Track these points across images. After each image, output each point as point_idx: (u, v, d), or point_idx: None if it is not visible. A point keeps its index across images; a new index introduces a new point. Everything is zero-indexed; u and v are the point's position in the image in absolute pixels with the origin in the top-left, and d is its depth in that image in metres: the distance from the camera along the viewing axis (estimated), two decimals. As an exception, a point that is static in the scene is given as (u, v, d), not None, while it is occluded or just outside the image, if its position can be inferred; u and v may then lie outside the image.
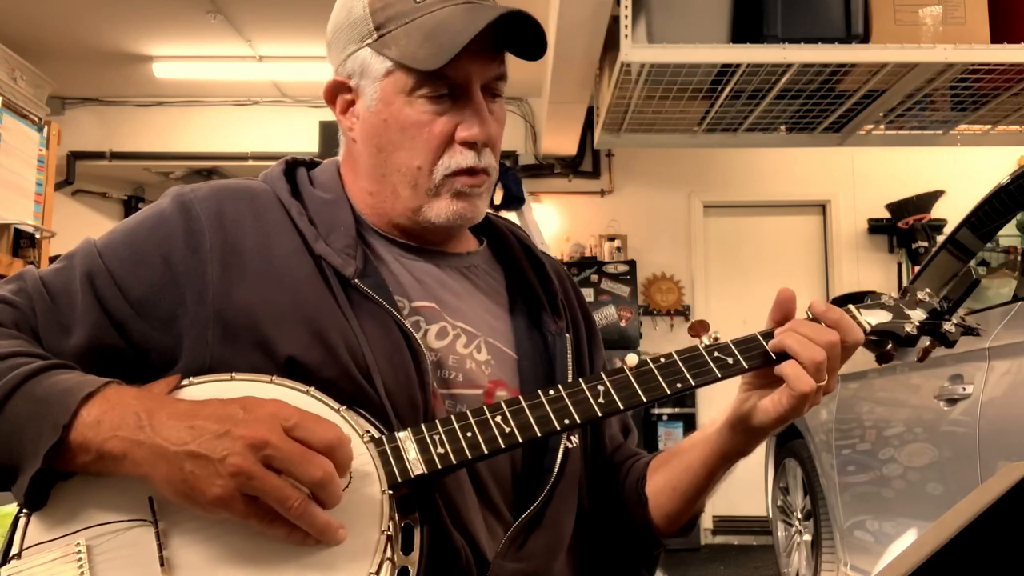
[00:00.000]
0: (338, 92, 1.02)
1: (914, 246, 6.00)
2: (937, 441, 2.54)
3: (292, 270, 0.92)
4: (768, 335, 0.94)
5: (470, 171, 0.98)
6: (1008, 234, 3.55)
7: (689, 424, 6.00)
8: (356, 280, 0.93)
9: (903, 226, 6.05)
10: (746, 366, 0.92)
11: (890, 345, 1.03)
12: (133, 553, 0.77)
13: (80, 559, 0.76)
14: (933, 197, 5.94)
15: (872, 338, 1.02)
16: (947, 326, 1.04)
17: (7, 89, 3.70)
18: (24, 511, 0.79)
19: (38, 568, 0.76)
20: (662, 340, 6.30)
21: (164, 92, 6.06)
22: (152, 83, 5.84)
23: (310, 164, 1.07)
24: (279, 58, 5.60)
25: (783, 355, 0.91)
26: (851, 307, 1.01)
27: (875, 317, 1.02)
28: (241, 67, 5.65)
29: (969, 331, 1.06)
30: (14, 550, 0.77)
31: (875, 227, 6.31)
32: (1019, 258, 3.65)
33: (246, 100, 6.24)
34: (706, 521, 6.02)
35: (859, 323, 0.99)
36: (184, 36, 5.23)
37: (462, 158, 0.97)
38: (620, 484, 1.09)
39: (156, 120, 6.25)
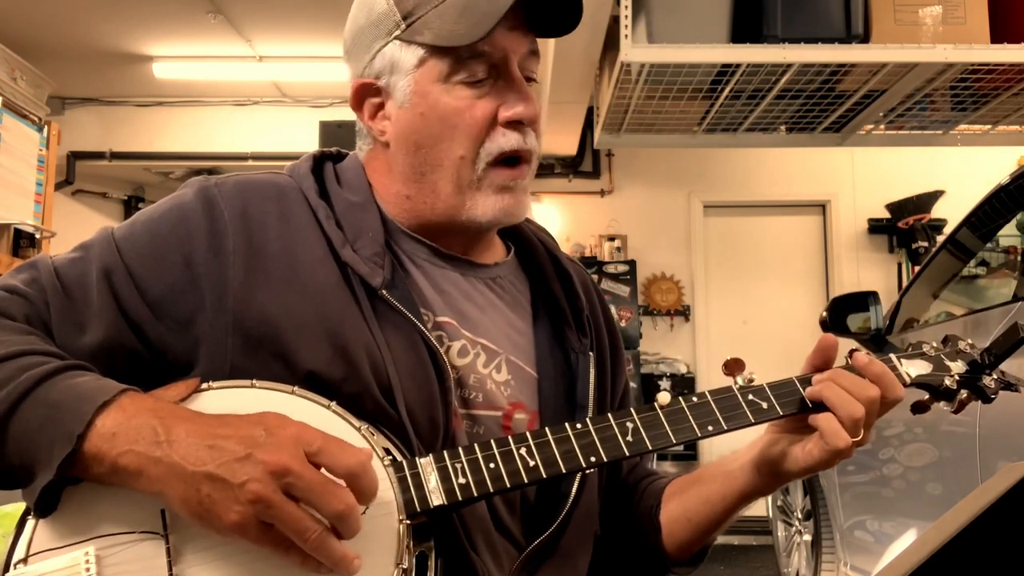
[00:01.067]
0: (365, 96, 0.97)
1: (914, 246, 6.00)
2: (937, 441, 2.54)
3: (317, 278, 0.89)
4: (805, 381, 0.92)
5: (513, 157, 0.94)
6: (1008, 234, 3.55)
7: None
8: (383, 291, 0.89)
9: (903, 226, 6.06)
10: (781, 412, 0.90)
11: (927, 396, 1.01)
12: (142, 568, 0.75)
13: (88, 569, 0.74)
14: (933, 197, 5.95)
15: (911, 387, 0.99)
16: (986, 380, 1.02)
17: (7, 89, 3.71)
18: (32, 515, 0.77)
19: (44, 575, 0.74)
20: (662, 340, 6.30)
21: (164, 92, 6.06)
22: (152, 83, 5.84)
23: (337, 157, 1.03)
24: (279, 58, 5.60)
25: (819, 404, 0.89)
26: (892, 357, 0.98)
27: (916, 368, 1.00)
28: (241, 67, 5.65)
29: (1009, 387, 1.03)
30: (20, 555, 0.75)
31: (875, 227, 6.31)
32: (1019, 258, 3.65)
33: (246, 100, 6.23)
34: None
35: (900, 374, 0.97)
36: (184, 36, 5.23)
37: (506, 140, 0.93)
38: (634, 507, 1.06)
39: (156, 120, 6.25)
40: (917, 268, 4.33)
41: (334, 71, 5.53)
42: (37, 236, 3.42)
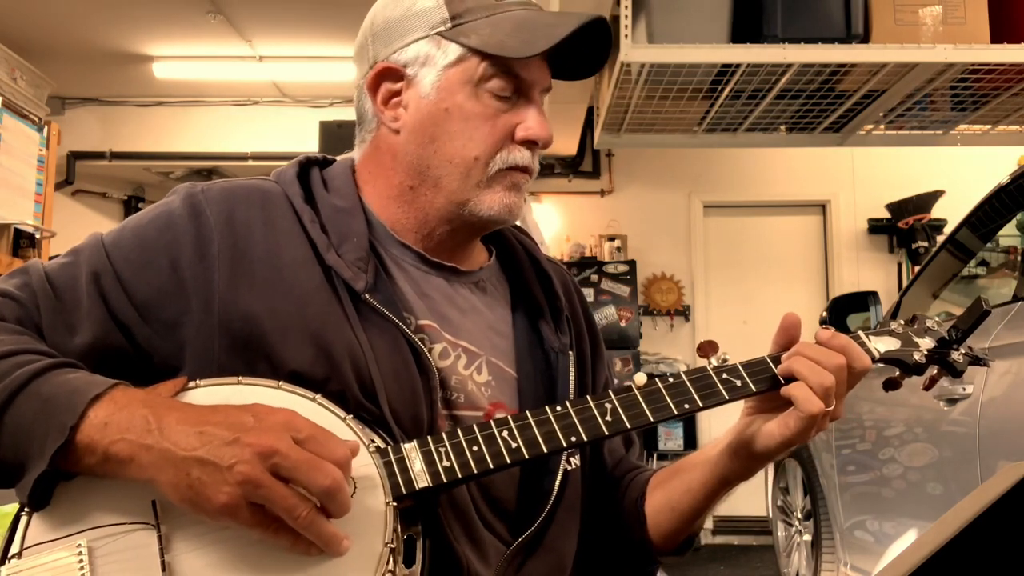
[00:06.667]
0: (384, 80, 0.99)
1: (914, 246, 6.00)
2: (937, 441, 2.54)
3: (301, 280, 0.91)
4: (776, 359, 0.94)
5: (523, 168, 0.98)
6: (1008, 234, 3.54)
7: (688, 423, 6.00)
8: (366, 295, 0.92)
9: (903, 226, 6.06)
10: (754, 389, 0.92)
11: (898, 372, 1.04)
12: (134, 556, 0.77)
13: (81, 560, 0.76)
14: (933, 197, 5.95)
15: (880, 365, 1.01)
16: (955, 355, 1.05)
17: (7, 89, 3.71)
18: (26, 510, 0.78)
19: (38, 568, 0.75)
20: (662, 340, 6.30)
21: (164, 92, 6.06)
22: (152, 83, 5.84)
23: (323, 162, 1.05)
24: (279, 58, 5.60)
25: (792, 379, 0.91)
26: (860, 333, 1.01)
27: (884, 344, 1.02)
28: (241, 67, 5.65)
29: (977, 361, 1.06)
30: (14, 549, 0.76)
31: (875, 227, 6.31)
32: (1019, 258, 3.65)
33: (246, 100, 6.23)
34: (706, 521, 6.00)
35: (868, 350, 0.99)
36: (184, 36, 5.23)
37: (520, 155, 0.97)
38: (619, 500, 1.08)
39: (156, 120, 6.24)
40: (917, 268, 4.33)
41: (334, 71, 5.54)
42: (37, 236, 3.42)
